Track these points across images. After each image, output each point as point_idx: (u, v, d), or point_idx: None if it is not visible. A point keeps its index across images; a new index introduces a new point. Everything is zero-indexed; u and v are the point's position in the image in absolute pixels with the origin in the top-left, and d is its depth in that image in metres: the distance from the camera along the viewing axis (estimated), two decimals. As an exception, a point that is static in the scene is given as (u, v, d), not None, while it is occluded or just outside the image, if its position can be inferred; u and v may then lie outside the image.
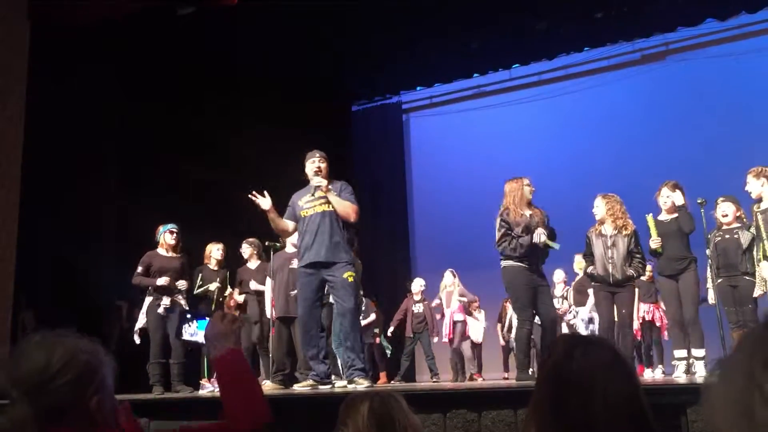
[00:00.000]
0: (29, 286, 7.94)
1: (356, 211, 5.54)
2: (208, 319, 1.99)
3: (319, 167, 5.57)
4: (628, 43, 10.52)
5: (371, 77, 11.58)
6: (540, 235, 5.59)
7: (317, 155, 5.66)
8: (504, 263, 5.75)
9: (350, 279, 5.35)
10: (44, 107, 7.57)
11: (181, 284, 6.83)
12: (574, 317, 8.55)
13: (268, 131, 10.45)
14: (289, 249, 7.10)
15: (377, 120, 12.70)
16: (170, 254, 6.92)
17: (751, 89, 9.82)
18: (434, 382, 9.27)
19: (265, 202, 5.38)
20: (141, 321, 6.76)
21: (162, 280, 6.66)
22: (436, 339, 9.76)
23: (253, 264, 7.59)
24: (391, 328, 9.86)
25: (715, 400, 0.85)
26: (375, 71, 11.28)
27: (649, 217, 6.02)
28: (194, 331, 2.07)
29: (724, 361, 0.88)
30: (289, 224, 5.61)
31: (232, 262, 7.82)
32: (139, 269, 6.78)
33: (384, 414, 1.71)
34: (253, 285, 7.42)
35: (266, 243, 7.24)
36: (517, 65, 11.31)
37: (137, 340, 6.79)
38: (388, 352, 9.95)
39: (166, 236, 6.94)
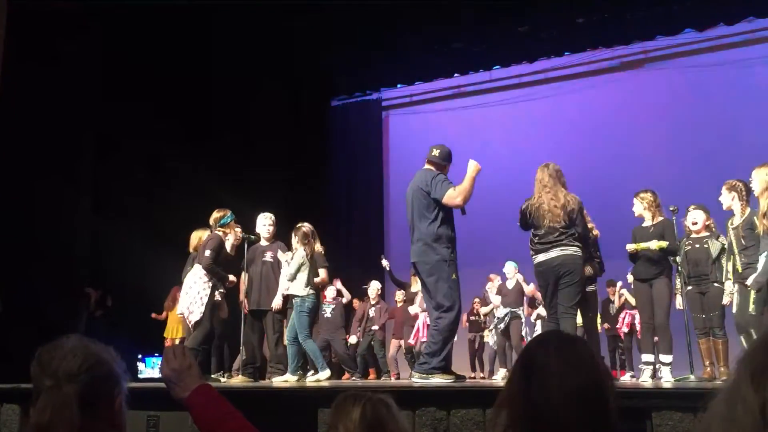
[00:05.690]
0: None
1: None
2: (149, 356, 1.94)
3: None
4: (607, 49, 10.62)
5: (352, 73, 11.56)
6: None
7: None
8: (572, 250, 5.34)
9: None
10: (20, 88, 7.47)
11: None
12: None
13: (248, 123, 10.42)
14: (263, 243, 7.05)
15: (356, 116, 12.67)
16: None
17: (728, 99, 9.94)
18: (384, 379, 9.47)
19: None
20: (196, 311, 6.18)
21: (232, 277, 6.60)
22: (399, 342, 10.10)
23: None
24: (354, 338, 10.06)
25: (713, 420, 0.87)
26: (356, 67, 11.26)
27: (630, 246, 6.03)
28: (144, 370, 2.01)
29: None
30: None
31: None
32: (211, 253, 6.23)
33: (375, 420, 1.71)
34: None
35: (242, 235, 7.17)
36: (497, 67, 11.36)
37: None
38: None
39: (233, 224, 6.69)
